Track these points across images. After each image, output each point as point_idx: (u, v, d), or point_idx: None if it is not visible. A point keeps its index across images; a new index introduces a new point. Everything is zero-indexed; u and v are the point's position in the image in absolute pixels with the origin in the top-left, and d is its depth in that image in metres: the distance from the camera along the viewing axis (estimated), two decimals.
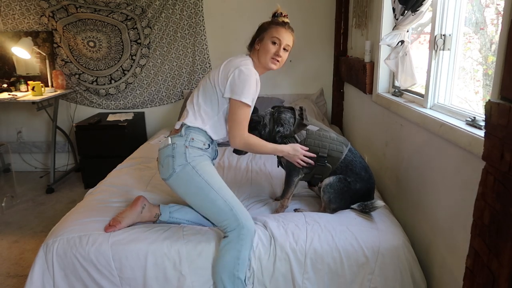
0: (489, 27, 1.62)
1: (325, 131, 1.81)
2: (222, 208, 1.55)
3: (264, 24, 1.71)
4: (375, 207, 1.73)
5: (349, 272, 1.56)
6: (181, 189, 1.62)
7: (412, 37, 2.20)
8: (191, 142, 1.62)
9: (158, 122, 3.84)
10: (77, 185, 3.55)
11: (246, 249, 1.53)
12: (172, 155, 1.59)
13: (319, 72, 3.67)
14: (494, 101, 0.93)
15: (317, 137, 1.78)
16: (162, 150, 1.64)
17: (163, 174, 1.63)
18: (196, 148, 1.63)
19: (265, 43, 1.66)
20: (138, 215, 1.71)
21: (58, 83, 3.51)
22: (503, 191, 0.88)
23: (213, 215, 1.60)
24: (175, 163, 1.58)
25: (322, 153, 1.76)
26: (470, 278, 1.04)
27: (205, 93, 1.68)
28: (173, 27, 3.52)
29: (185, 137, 1.62)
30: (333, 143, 1.78)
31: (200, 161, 1.61)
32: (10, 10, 3.51)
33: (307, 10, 3.50)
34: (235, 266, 1.50)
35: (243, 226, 1.53)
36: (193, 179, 1.57)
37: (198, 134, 1.65)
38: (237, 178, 2.32)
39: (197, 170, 1.58)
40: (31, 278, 1.56)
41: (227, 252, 1.51)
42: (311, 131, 1.78)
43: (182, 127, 1.65)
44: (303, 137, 1.77)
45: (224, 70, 1.65)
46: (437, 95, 1.72)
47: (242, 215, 1.55)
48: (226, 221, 1.55)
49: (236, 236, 1.52)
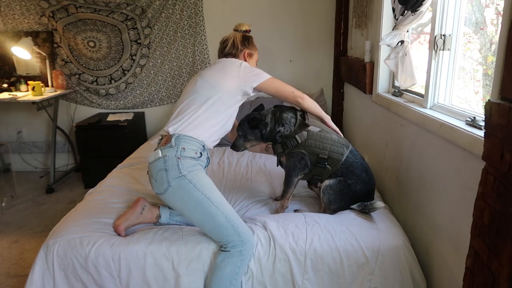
0: (489, 27, 1.62)
1: (326, 133, 1.80)
2: (224, 224, 1.50)
3: (252, 40, 1.89)
4: (374, 208, 1.73)
5: (349, 272, 1.56)
6: (178, 203, 1.55)
7: (412, 37, 2.20)
8: (182, 152, 1.54)
9: (158, 122, 3.84)
10: (77, 185, 3.55)
11: (245, 264, 1.52)
12: (164, 168, 1.52)
13: (319, 72, 3.67)
14: (494, 101, 0.93)
15: (318, 138, 1.77)
16: (153, 164, 1.55)
17: (157, 188, 1.56)
18: (188, 158, 1.55)
19: (252, 62, 1.88)
20: (139, 216, 1.70)
21: (58, 83, 3.51)
22: (503, 191, 0.88)
23: (214, 230, 1.53)
24: (169, 176, 1.51)
25: (322, 155, 1.76)
26: (470, 278, 1.04)
27: (203, 96, 1.63)
28: (173, 27, 3.52)
29: (175, 147, 1.54)
30: (334, 145, 1.77)
31: (197, 174, 1.55)
32: (10, 10, 3.51)
33: (307, 10, 3.50)
34: (232, 281, 1.49)
35: (246, 241, 1.50)
36: (190, 193, 1.51)
37: (189, 143, 1.57)
38: (237, 178, 2.32)
39: (194, 183, 1.51)
40: (31, 278, 1.56)
41: (226, 266, 1.49)
42: (312, 132, 1.77)
43: (172, 137, 1.57)
44: (304, 138, 1.76)
45: (228, 68, 1.69)
46: (437, 95, 1.71)
47: (244, 230, 1.52)
48: (228, 237, 1.50)
49: (238, 251, 1.49)
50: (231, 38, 1.83)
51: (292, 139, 1.77)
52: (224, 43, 1.85)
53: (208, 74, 1.70)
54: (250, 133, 1.82)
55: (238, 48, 1.81)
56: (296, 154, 1.78)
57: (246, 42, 1.84)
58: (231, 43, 1.82)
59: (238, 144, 1.86)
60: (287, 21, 3.53)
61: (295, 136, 1.76)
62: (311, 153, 1.76)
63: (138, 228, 1.73)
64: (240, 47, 1.81)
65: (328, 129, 1.84)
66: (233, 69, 1.68)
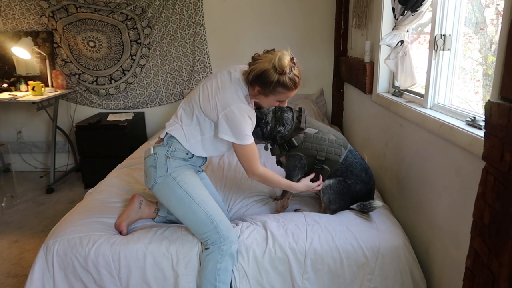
0: (489, 27, 1.62)
1: (324, 134, 1.79)
2: (203, 220, 1.54)
3: (272, 79, 1.44)
4: (373, 207, 1.73)
5: (349, 272, 1.56)
6: (163, 199, 1.60)
7: (412, 37, 2.20)
8: (173, 152, 1.59)
9: (158, 122, 3.84)
10: (77, 185, 3.55)
11: (226, 260, 1.52)
12: (153, 165, 1.58)
13: (319, 72, 3.67)
14: (494, 101, 0.93)
15: (315, 140, 1.76)
16: (146, 160, 1.62)
17: (146, 183, 1.62)
18: (177, 158, 1.60)
19: (269, 100, 1.55)
20: (137, 211, 1.73)
21: (58, 83, 3.51)
22: (503, 191, 0.88)
23: (195, 226, 1.56)
24: (156, 174, 1.57)
25: (319, 157, 1.76)
26: (470, 278, 1.04)
27: (190, 111, 1.60)
28: (173, 27, 3.52)
29: (167, 146, 1.59)
30: (331, 146, 1.77)
31: (182, 172, 1.59)
32: (10, 10, 3.51)
33: (307, 10, 3.50)
34: (215, 277, 1.50)
35: (224, 238, 1.52)
36: (174, 190, 1.56)
37: (179, 145, 1.61)
38: (237, 178, 2.32)
39: (178, 181, 1.56)
40: (31, 278, 1.56)
41: (209, 263, 1.51)
42: (308, 134, 1.77)
43: (166, 136, 1.62)
44: (301, 141, 1.76)
45: (213, 99, 1.51)
46: (437, 95, 1.71)
47: (223, 227, 1.54)
48: (206, 234, 1.53)
49: (216, 248, 1.52)
50: (258, 62, 1.47)
51: (288, 141, 1.76)
52: (253, 61, 1.51)
53: (205, 91, 1.56)
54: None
55: (250, 79, 1.51)
56: (295, 155, 1.78)
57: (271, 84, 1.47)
58: (251, 70, 1.49)
59: None
60: (287, 21, 3.53)
61: (291, 140, 1.76)
62: (308, 155, 1.76)
63: (138, 226, 1.74)
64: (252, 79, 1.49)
65: (326, 129, 1.83)
66: (218, 106, 1.50)
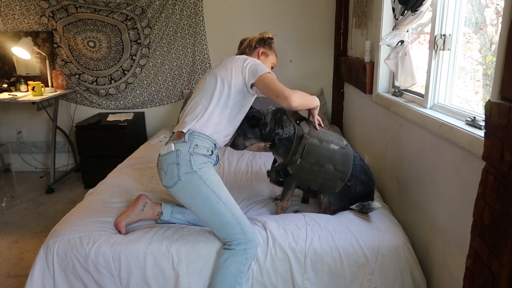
0: (489, 27, 1.62)
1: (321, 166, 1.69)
2: (230, 221, 1.51)
3: (268, 36, 1.87)
4: (372, 208, 1.72)
5: (349, 272, 1.56)
6: (186, 198, 1.56)
7: (412, 37, 2.20)
8: (195, 149, 1.56)
9: (158, 122, 3.84)
10: (77, 185, 3.55)
11: (249, 263, 1.52)
12: (176, 162, 1.53)
13: (319, 72, 3.67)
14: (494, 101, 0.93)
15: (310, 172, 1.70)
16: (164, 157, 1.57)
17: (166, 181, 1.57)
18: (200, 155, 1.57)
19: (267, 62, 1.86)
20: (139, 213, 1.71)
21: (58, 83, 3.51)
22: (503, 191, 0.88)
23: (221, 227, 1.54)
24: (180, 170, 1.53)
25: (313, 187, 1.74)
26: (470, 278, 1.04)
27: (212, 92, 1.64)
28: (173, 27, 3.52)
29: (188, 143, 1.56)
30: (327, 179, 1.71)
31: (207, 170, 1.57)
32: (10, 10, 3.51)
33: (307, 10, 3.49)
34: (237, 279, 1.49)
35: (251, 240, 1.51)
36: (200, 189, 1.53)
37: (202, 140, 1.59)
38: (237, 178, 2.32)
39: (204, 180, 1.53)
40: (31, 278, 1.56)
41: (231, 264, 1.49)
42: (303, 165, 1.70)
43: (186, 133, 1.59)
44: (296, 170, 1.71)
45: (234, 64, 1.66)
46: (437, 95, 1.71)
47: (249, 229, 1.53)
48: (234, 235, 1.51)
49: (242, 250, 1.50)
50: (249, 38, 1.87)
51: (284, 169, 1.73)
52: (242, 42, 1.89)
53: (216, 70, 1.69)
54: (249, 132, 1.82)
55: (252, 46, 1.83)
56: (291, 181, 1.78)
57: (262, 42, 1.85)
58: (248, 42, 1.85)
59: (238, 143, 1.85)
60: (287, 21, 3.53)
61: (287, 168, 1.72)
62: (301, 183, 1.77)
63: (138, 226, 1.73)
64: (255, 45, 1.83)
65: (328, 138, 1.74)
66: (238, 64, 1.65)
